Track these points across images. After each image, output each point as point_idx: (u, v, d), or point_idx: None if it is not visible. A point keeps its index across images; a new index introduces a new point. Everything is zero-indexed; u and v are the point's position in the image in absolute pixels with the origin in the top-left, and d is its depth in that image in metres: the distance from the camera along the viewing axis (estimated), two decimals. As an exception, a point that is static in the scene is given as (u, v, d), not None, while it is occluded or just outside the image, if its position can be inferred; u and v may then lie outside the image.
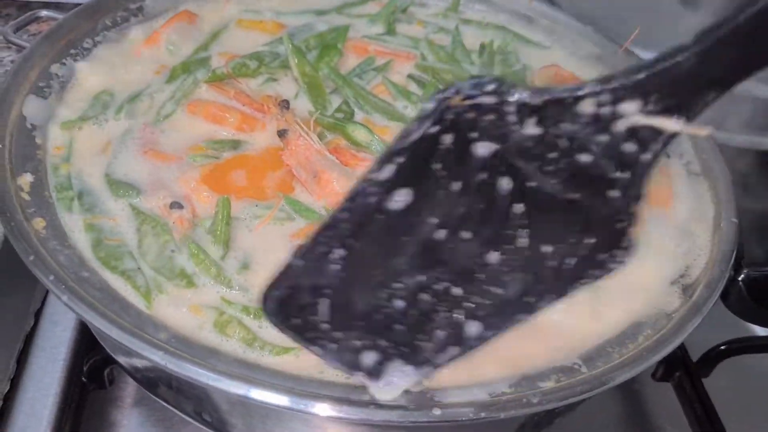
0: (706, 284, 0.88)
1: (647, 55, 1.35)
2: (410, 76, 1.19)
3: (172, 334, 0.73)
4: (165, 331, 0.73)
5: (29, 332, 1.07)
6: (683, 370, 1.14)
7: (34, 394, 1.00)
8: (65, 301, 0.73)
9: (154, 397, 0.93)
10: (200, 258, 0.84)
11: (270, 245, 0.88)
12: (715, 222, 0.98)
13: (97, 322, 0.71)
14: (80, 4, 1.16)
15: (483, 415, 0.68)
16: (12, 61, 1.48)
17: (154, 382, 0.90)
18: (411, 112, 1.12)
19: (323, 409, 0.67)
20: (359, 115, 1.10)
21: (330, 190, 0.93)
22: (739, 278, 1.10)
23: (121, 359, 0.94)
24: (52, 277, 0.74)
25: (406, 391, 0.68)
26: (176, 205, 0.87)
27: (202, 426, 0.90)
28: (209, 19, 1.25)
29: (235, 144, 1.01)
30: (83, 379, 1.03)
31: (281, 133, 0.96)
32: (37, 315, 1.09)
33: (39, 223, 0.82)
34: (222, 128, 1.03)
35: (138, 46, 1.16)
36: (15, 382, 1.01)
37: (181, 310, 0.79)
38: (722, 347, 1.18)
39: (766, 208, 1.09)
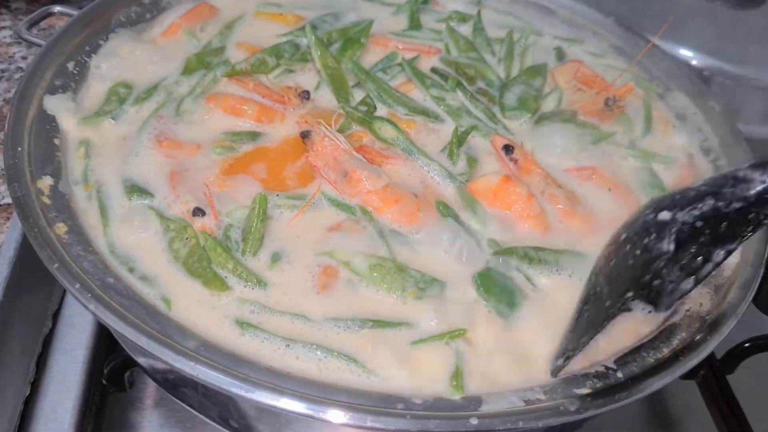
0: (740, 285, 0.86)
1: (674, 49, 1.32)
2: (434, 70, 1.17)
3: (201, 342, 0.72)
4: (193, 339, 0.72)
5: (48, 335, 1.05)
6: (708, 368, 1.13)
7: (55, 398, 0.99)
8: (92, 310, 0.71)
9: (176, 400, 0.91)
10: (226, 260, 0.82)
11: (304, 236, 0.88)
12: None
13: (126, 332, 0.70)
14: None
15: (521, 424, 0.67)
16: (23, 57, 1.46)
17: (176, 385, 0.89)
18: (431, 105, 1.10)
19: (362, 419, 0.66)
20: (382, 110, 1.08)
21: (361, 188, 0.91)
22: (769, 277, 1.08)
23: (143, 362, 0.92)
24: (78, 286, 0.73)
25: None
26: (199, 212, 0.85)
27: (225, 430, 0.89)
28: (229, 12, 1.23)
29: (254, 136, 0.99)
30: (103, 381, 1.02)
31: (305, 135, 0.94)
32: (55, 317, 1.08)
33: (61, 228, 0.80)
34: (240, 120, 1.02)
35: (154, 40, 1.14)
36: (35, 386, 1.00)
37: (211, 313, 0.78)
38: (747, 344, 1.17)
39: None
